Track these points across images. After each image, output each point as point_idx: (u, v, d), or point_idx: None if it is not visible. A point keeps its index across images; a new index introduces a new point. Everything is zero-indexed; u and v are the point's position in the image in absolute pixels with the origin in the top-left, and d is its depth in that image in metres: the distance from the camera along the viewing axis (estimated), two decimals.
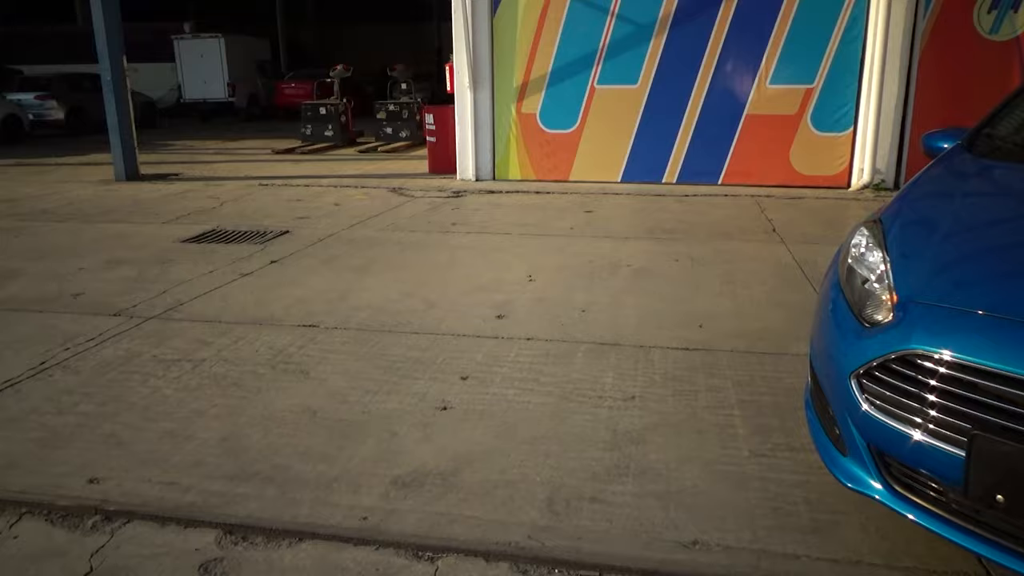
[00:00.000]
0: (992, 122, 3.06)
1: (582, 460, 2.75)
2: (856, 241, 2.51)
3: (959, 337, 1.89)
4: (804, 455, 2.74)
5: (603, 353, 3.75)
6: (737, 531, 2.34)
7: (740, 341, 3.87)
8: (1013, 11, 7.81)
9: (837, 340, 2.24)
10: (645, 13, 8.53)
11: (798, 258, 5.48)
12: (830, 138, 8.42)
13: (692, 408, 3.15)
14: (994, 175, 2.74)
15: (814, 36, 8.21)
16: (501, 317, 4.30)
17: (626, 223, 6.82)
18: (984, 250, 2.28)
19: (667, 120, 8.74)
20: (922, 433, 1.90)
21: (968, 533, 1.89)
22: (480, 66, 8.96)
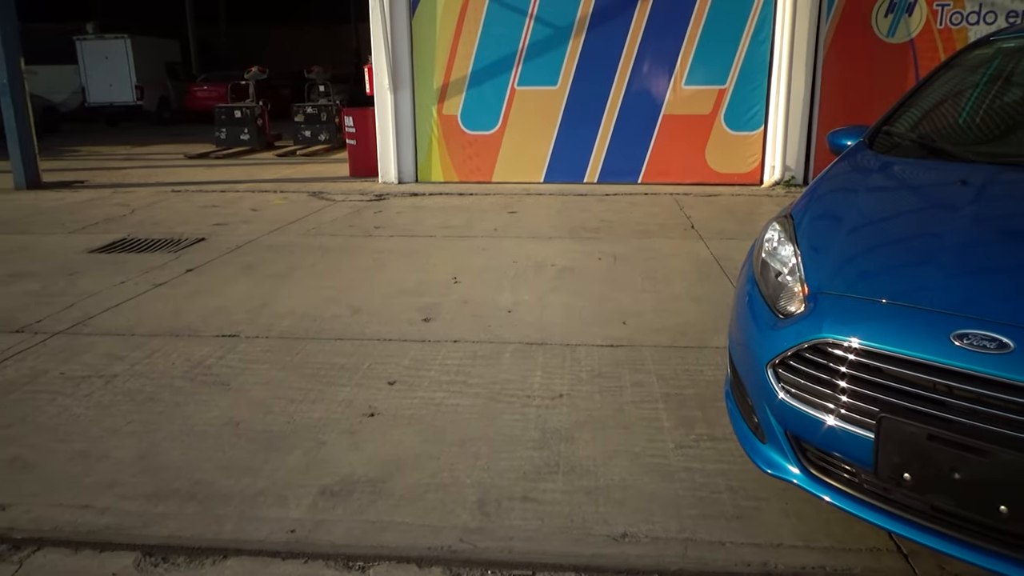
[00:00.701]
0: (890, 120, 3.22)
1: (512, 460, 2.76)
2: (769, 236, 2.61)
3: (865, 325, 1.98)
4: (726, 444, 2.82)
5: (530, 353, 3.77)
6: (665, 522, 2.39)
7: (662, 336, 3.96)
8: (907, 15, 8.26)
9: (753, 332, 2.32)
10: (563, 15, 8.64)
11: (716, 254, 5.64)
12: (742, 137, 8.71)
13: (618, 403, 3.20)
14: (893, 170, 2.89)
15: (725, 38, 8.49)
16: (427, 320, 4.27)
17: (549, 223, 6.89)
18: (886, 242, 2.39)
19: (587, 121, 8.87)
20: (834, 418, 1.98)
21: (879, 511, 1.99)
22: (400, 67, 8.89)
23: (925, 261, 2.17)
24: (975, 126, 3.23)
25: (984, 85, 3.39)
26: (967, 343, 1.79)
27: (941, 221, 2.37)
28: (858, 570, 2.16)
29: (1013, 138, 3.00)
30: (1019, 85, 3.35)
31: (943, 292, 2.00)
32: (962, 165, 2.68)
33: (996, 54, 3.42)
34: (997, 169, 2.58)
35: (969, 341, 1.79)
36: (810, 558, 2.21)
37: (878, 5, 8.26)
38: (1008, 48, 3.42)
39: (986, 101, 3.35)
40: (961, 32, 8.17)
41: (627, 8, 8.54)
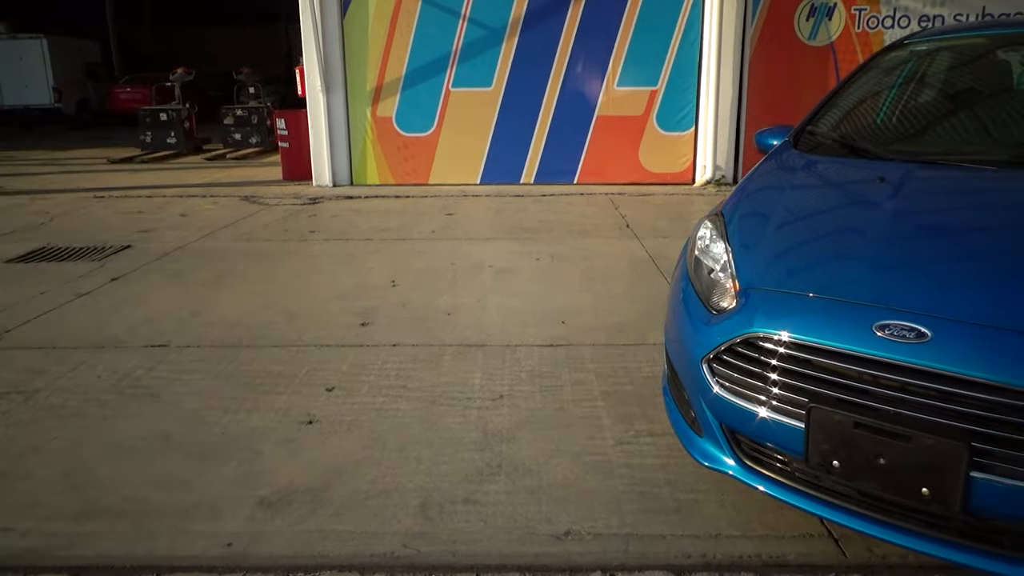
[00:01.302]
0: (813, 120, 3.33)
1: (454, 463, 2.75)
2: (701, 234, 2.67)
3: (794, 319, 2.05)
4: (664, 439, 2.88)
5: (470, 354, 3.77)
6: (606, 518, 2.42)
7: (601, 335, 4.01)
8: (827, 19, 8.56)
9: (688, 328, 2.37)
10: (496, 16, 8.66)
11: (651, 252, 5.74)
12: (674, 137, 8.89)
13: (559, 402, 3.22)
14: (817, 169, 3.00)
15: (655, 40, 8.65)
16: (365, 324, 4.22)
17: (487, 224, 6.89)
18: (811, 238, 2.48)
19: (522, 122, 8.91)
20: (767, 410, 2.04)
21: (810, 498, 2.05)
22: (332, 69, 8.76)
23: (848, 256, 2.25)
24: (892, 125, 3.37)
25: (899, 86, 3.55)
26: (888, 333, 1.86)
27: (862, 217, 2.47)
28: (791, 556, 2.23)
29: (926, 137, 3.15)
30: (931, 86, 3.51)
31: (865, 285, 2.08)
32: (880, 163, 2.79)
33: (910, 56, 3.58)
34: (912, 167, 2.70)
35: (890, 331, 1.87)
36: (746, 547, 2.27)
37: (800, 9, 8.55)
38: (921, 51, 3.58)
39: (901, 101, 3.50)
40: (877, 35, 8.52)
41: (559, 10, 8.62)
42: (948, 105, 3.31)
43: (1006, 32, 3.64)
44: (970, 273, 2.06)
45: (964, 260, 2.14)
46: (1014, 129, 2.95)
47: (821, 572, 2.16)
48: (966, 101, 3.27)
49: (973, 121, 3.13)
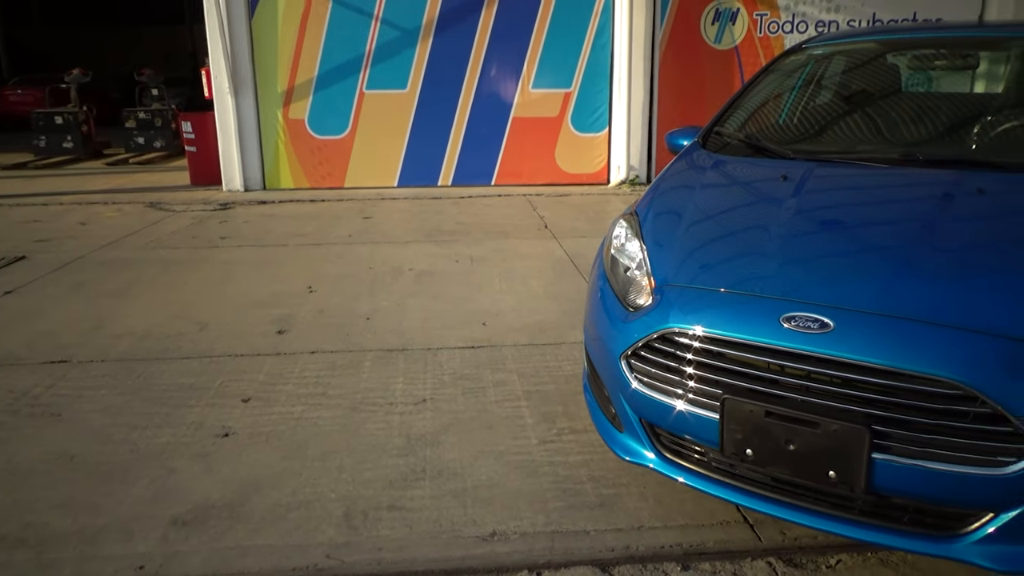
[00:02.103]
0: (720, 121, 3.45)
1: (378, 469, 2.72)
2: (617, 233, 2.72)
3: (707, 313, 2.11)
4: (587, 436, 2.92)
5: (391, 359, 3.73)
6: (532, 517, 2.43)
7: (522, 335, 4.04)
8: (732, 23, 8.88)
9: (607, 325, 2.41)
10: (409, 18, 8.59)
11: (569, 252, 5.82)
12: (589, 138, 9.04)
13: (482, 404, 3.23)
14: (725, 168, 3.10)
15: (568, 43, 8.77)
16: (282, 332, 4.11)
17: (405, 227, 6.83)
18: (721, 235, 2.56)
19: (438, 124, 8.88)
20: (684, 403, 2.10)
21: (726, 486, 2.13)
22: (240, 70, 8.50)
23: (756, 252, 2.34)
24: (793, 126, 3.52)
25: (799, 88, 3.71)
26: (794, 325, 1.95)
27: (768, 214, 2.57)
28: (711, 544, 2.30)
29: (825, 137, 3.30)
30: (828, 88, 3.69)
31: (772, 280, 2.16)
32: (783, 162, 2.91)
33: (808, 60, 3.75)
34: (812, 165, 2.83)
35: (796, 323, 1.95)
36: (668, 537, 2.33)
37: (706, 13, 8.84)
38: (817, 55, 3.75)
39: (801, 103, 3.66)
40: (778, 40, 8.89)
41: (473, 12, 8.63)
42: (844, 106, 3.49)
43: (894, 37, 3.86)
44: (867, 265, 2.17)
45: (861, 253, 2.26)
46: (903, 129, 3.12)
47: (739, 557, 2.24)
48: (860, 102, 3.45)
49: (867, 121, 3.30)
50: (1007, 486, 1.75)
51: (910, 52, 3.64)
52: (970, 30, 4.15)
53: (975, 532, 1.84)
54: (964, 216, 2.31)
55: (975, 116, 3.15)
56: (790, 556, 2.24)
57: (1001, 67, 3.54)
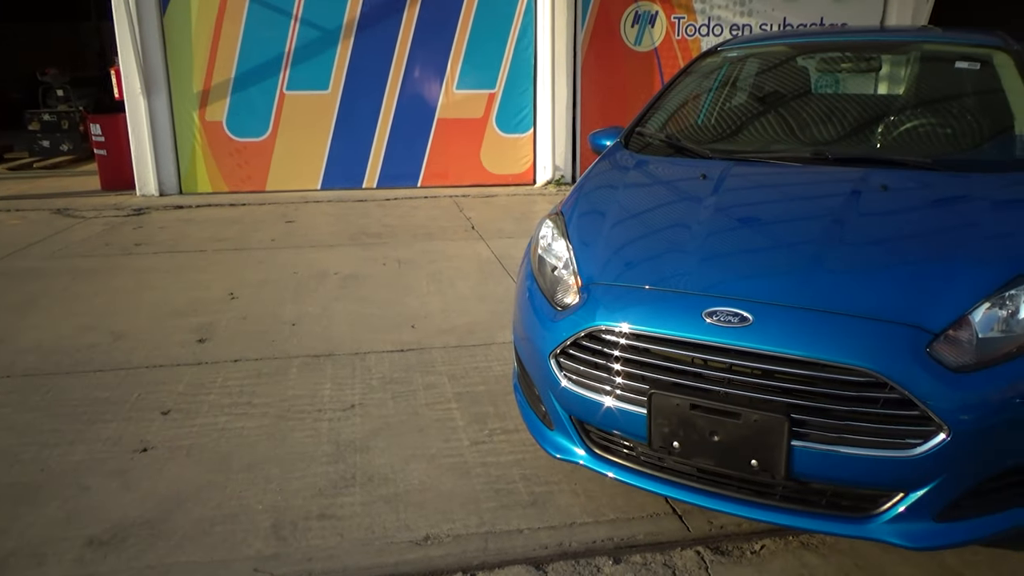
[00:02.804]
0: (641, 122, 3.52)
1: (306, 478, 2.66)
2: (543, 233, 2.74)
3: (632, 310, 2.15)
4: (518, 435, 2.93)
5: (318, 365, 3.66)
6: (465, 519, 2.43)
7: (451, 337, 4.02)
8: (651, 26, 9.07)
9: (535, 325, 2.43)
10: (330, 17, 8.44)
11: (497, 253, 5.83)
12: (514, 139, 9.08)
13: (412, 407, 3.20)
14: (648, 168, 3.17)
15: (491, 44, 8.78)
16: (203, 341, 3.98)
17: (330, 230, 6.71)
18: (645, 233, 2.61)
19: (362, 125, 8.75)
20: (612, 399, 2.14)
21: (655, 479, 2.18)
22: (152, 70, 8.18)
23: (678, 249, 2.40)
24: (711, 126, 3.63)
25: (716, 90, 3.83)
26: (716, 320, 2.01)
27: (688, 212, 2.64)
28: (641, 536, 2.34)
29: (741, 136, 3.41)
30: (743, 90, 3.82)
31: (694, 276, 2.22)
32: (702, 161, 3.00)
33: (723, 62, 3.87)
34: (730, 164, 2.92)
35: (717, 318, 2.01)
36: (599, 532, 2.36)
37: (625, 16, 9.00)
38: (732, 57, 3.88)
39: (718, 104, 3.77)
40: (696, 42, 9.13)
41: (395, 13, 8.54)
42: (758, 107, 3.61)
43: (803, 41, 4.02)
44: (782, 260, 2.25)
45: (777, 249, 2.34)
46: (814, 129, 3.26)
47: (668, 548, 2.29)
48: (773, 103, 3.58)
49: (780, 121, 3.42)
50: (915, 467, 1.84)
51: (818, 55, 3.80)
52: (873, 34, 4.35)
53: (887, 512, 1.93)
54: (870, 212, 2.43)
55: (879, 116, 3.31)
56: (717, 544, 2.30)
57: (901, 69, 3.74)
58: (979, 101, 3.14)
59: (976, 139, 2.99)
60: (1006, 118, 2.98)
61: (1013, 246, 2.16)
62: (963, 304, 1.95)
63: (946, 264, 2.11)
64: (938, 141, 2.99)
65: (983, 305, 1.95)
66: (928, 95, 3.35)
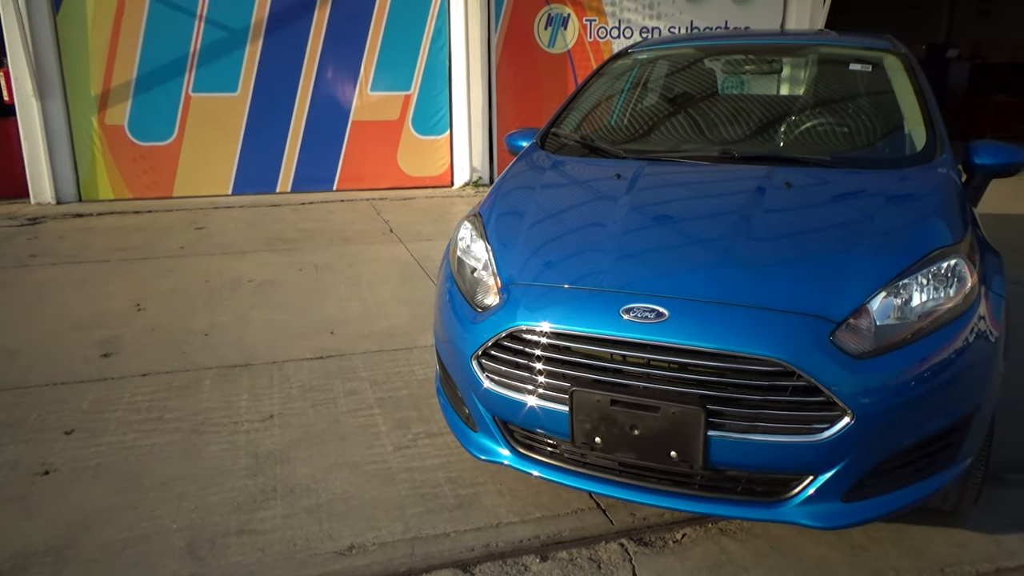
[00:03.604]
0: (556, 123, 3.56)
1: (224, 493, 2.57)
2: (462, 235, 2.74)
3: (552, 310, 2.18)
4: (443, 439, 2.92)
5: (233, 376, 3.54)
6: (390, 525, 2.40)
7: (372, 342, 3.97)
8: (563, 28, 9.19)
9: (456, 327, 2.42)
10: (236, 18, 8.18)
11: (416, 255, 5.79)
12: (431, 141, 9.03)
13: (333, 415, 3.14)
14: (563, 168, 3.21)
15: (405, 45, 8.71)
16: (108, 355, 3.80)
17: (243, 236, 6.51)
18: (563, 233, 2.64)
19: (274, 128, 8.52)
20: (535, 398, 2.16)
21: (578, 475, 2.21)
22: (46, 71, 7.74)
23: (595, 248, 2.44)
24: (624, 126, 3.71)
25: (627, 91, 3.91)
26: (633, 316, 2.05)
27: (604, 211, 2.68)
28: (567, 532, 2.37)
29: (653, 136, 3.50)
30: (654, 91, 3.91)
31: (611, 274, 2.26)
32: (616, 161, 3.06)
33: (634, 64, 3.96)
34: (643, 163, 2.99)
35: (634, 314, 2.05)
36: (526, 531, 2.37)
37: (538, 18, 9.09)
38: (642, 59, 3.97)
39: (631, 104, 3.86)
40: (607, 44, 9.31)
41: (305, 13, 8.36)
42: (668, 107, 3.71)
43: (709, 44, 4.16)
44: (695, 256, 2.32)
45: (689, 245, 2.41)
46: (721, 128, 3.37)
47: (593, 542, 2.32)
48: (682, 104, 3.68)
49: (689, 121, 3.53)
50: (822, 450, 1.93)
51: (724, 57, 3.93)
52: (774, 38, 4.54)
53: (798, 495, 2.02)
54: (775, 208, 2.52)
55: (782, 116, 3.45)
56: (640, 536, 2.35)
57: (801, 71, 3.91)
58: (872, 101, 3.32)
59: (870, 137, 3.15)
60: (896, 117, 3.15)
61: (905, 237, 2.30)
62: (862, 294, 2.05)
63: (845, 256, 2.22)
64: (836, 139, 3.14)
65: (880, 294, 2.06)
66: (826, 96, 3.52)
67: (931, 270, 2.13)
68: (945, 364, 2.02)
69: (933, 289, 2.10)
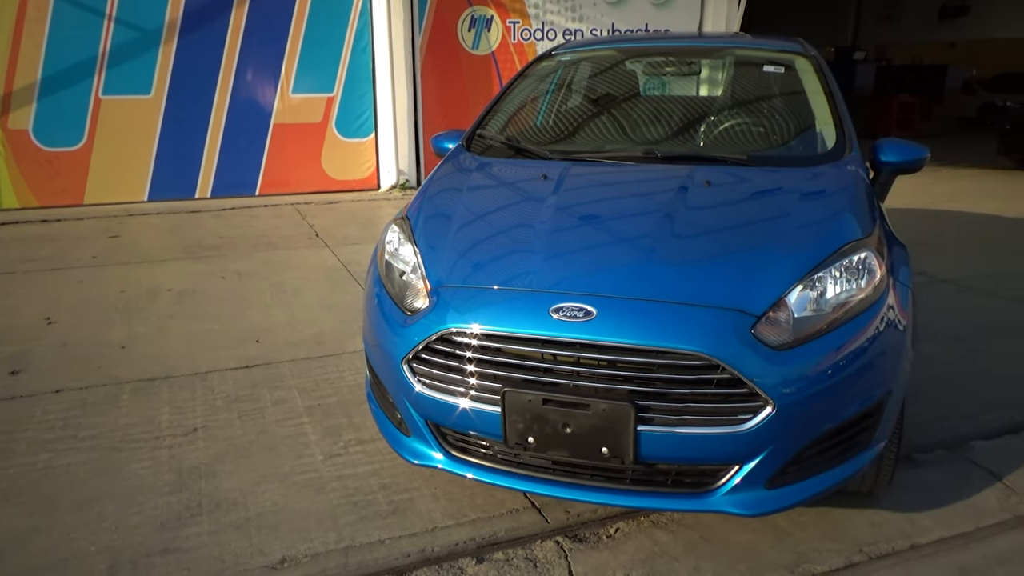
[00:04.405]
0: (481, 124, 3.56)
1: (146, 512, 2.47)
2: (389, 238, 2.71)
3: (482, 311, 2.18)
4: (374, 445, 2.88)
5: (154, 389, 3.41)
6: (323, 536, 2.36)
7: (299, 349, 3.89)
8: (487, 30, 9.21)
9: (386, 331, 2.39)
10: (148, 18, 7.89)
11: (343, 260, 5.70)
12: (355, 144, 8.91)
13: (261, 426, 3.06)
14: (489, 170, 3.21)
15: (327, 47, 8.56)
16: (16, 373, 3.60)
17: (161, 244, 6.28)
18: (491, 234, 2.65)
19: (191, 132, 8.25)
20: (467, 400, 2.15)
21: (512, 476, 2.21)
22: None
23: (524, 248, 2.45)
24: (549, 127, 3.74)
25: (552, 92, 3.95)
26: (562, 315, 2.07)
27: (532, 212, 2.69)
28: (502, 533, 2.37)
29: (578, 137, 3.53)
30: (578, 92, 3.96)
31: (540, 274, 2.28)
32: (542, 162, 3.08)
33: (558, 66, 3.99)
34: (568, 164, 3.02)
35: (563, 313, 2.07)
36: (461, 534, 2.37)
37: (462, 20, 9.08)
38: (566, 61, 4.01)
39: (555, 106, 3.90)
40: (531, 46, 9.38)
41: (221, 13, 8.12)
42: (592, 108, 3.76)
43: (630, 46, 4.24)
44: (621, 255, 2.36)
45: (615, 244, 2.45)
46: (644, 129, 3.44)
47: (529, 542, 2.33)
48: (606, 105, 3.74)
49: (613, 122, 3.58)
50: (747, 440, 1.99)
51: (645, 59, 4.01)
52: (693, 40, 4.66)
53: (725, 485, 2.08)
54: (696, 206, 2.59)
55: (701, 116, 3.55)
56: (575, 532, 2.37)
57: (719, 73, 4.03)
58: (785, 102, 3.44)
59: (784, 136, 3.27)
60: (808, 117, 3.28)
61: (819, 232, 2.39)
62: (780, 287, 2.13)
63: (764, 251, 2.30)
64: (752, 139, 3.25)
65: (797, 287, 2.13)
66: (742, 97, 3.63)
67: (843, 263, 2.22)
68: (859, 352, 2.11)
69: (846, 281, 2.19)
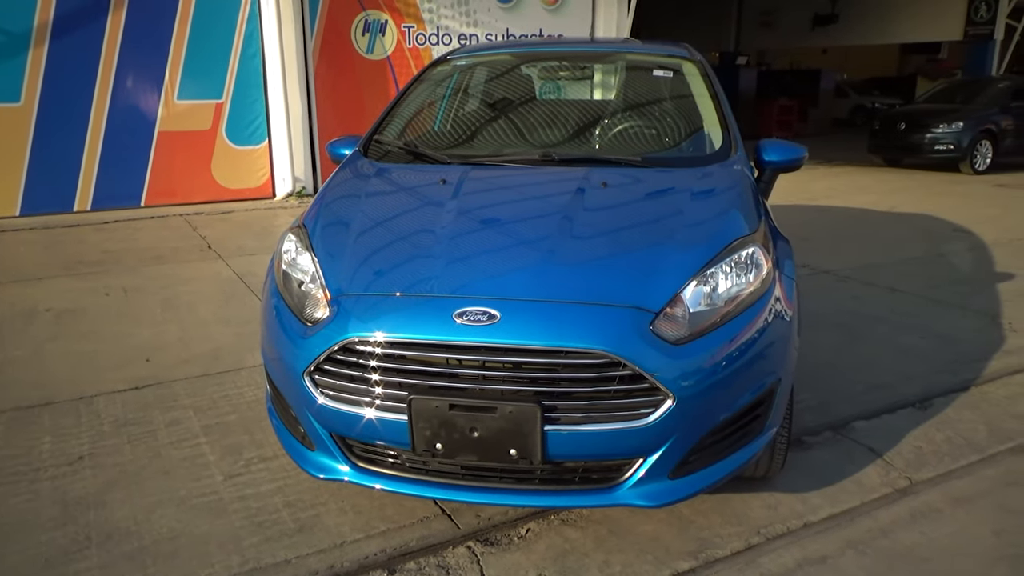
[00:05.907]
0: (378, 130, 3.51)
1: (28, 550, 2.30)
2: (286, 248, 2.63)
3: (385, 319, 2.14)
4: (278, 462, 2.79)
5: (32, 417, 3.18)
6: (225, 560, 2.26)
7: (194, 366, 3.72)
8: (381, 34, 9.12)
9: (286, 343, 2.32)
10: (14, 20, 7.38)
11: (238, 271, 5.50)
12: (248, 151, 8.62)
13: (154, 449, 2.91)
14: (388, 175, 3.17)
15: (214, 51, 8.25)
16: None
17: (36, 261, 5.88)
18: (392, 240, 2.61)
19: (67, 141, 7.77)
20: (373, 410, 2.11)
21: (422, 484, 2.19)
22: None
23: (425, 254, 2.43)
24: (447, 132, 3.73)
25: (449, 97, 3.94)
26: (466, 320, 2.06)
27: (432, 217, 2.68)
28: (413, 542, 2.35)
29: (476, 141, 3.54)
30: (475, 96, 3.97)
31: (442, 279, 2.27)
32: (441, 167, 3.07)
33: (453, 71, 3.99)
34: (467, 168, 3.02)
35: (467, 318, 2.07)
36: (371, 546, 2.32)
37: (355, 24, 8.95)
38: (461, 65, 4.01)
39: (452, 110, 3.89)
40: (427, 51, 9.35)
41: (97, 16, 7.69)
42: (489, 113, 3.78)
43: (525, 51, 4.29)
44: (522, 257, 2.38)
45: (516, 247, 2.46)
46: (541, 132, 3.48)
47: (440, 549, 2.32)
48: (503, 109, 3.76)
49: (510, 126, 3.61)
50: (649, 433, 2.05)
51: (540, 64, 4.06)
52: (586, 45, 4.75)
53: (630, 478, 2.13)
54: (594, 207, 2.64)
55: (596, 119, 3.62)
56: (486, 536, 2.37)
57: (612, 77, 4.13)
58: (674, 105, 3.56)
59: (674, 138, 3.38)
60: (696, 119, 3.41)
61: (710, 230, 2.48)
62: (676, 284, 2.20)
63: (659, 249, 2.37)
64: (645, 141, 3.35)
65: (691, 283, 2.21)
66: (634, 100, 3.74)
67: (733, 258, 2.32)
68: (750, 343, 2.21)
69: (735, 276, 2.29)
